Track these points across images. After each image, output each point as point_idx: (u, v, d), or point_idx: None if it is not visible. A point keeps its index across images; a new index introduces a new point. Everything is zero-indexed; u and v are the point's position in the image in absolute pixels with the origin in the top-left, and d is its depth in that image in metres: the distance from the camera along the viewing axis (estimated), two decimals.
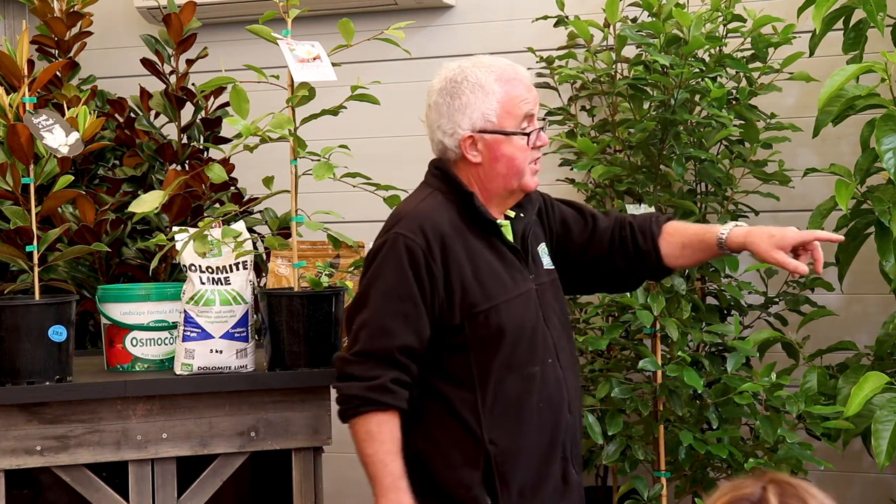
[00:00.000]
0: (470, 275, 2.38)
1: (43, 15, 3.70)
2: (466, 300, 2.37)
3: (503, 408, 2.38)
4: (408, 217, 2.42)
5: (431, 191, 2.48)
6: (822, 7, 3.09)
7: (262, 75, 2.77)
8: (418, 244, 2.36)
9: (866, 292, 3.64)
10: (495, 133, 2.43)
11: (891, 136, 2.92)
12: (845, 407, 2.81)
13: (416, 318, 2.36)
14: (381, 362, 2.35)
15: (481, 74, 2.44)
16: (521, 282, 2.45)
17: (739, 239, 2.53)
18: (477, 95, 2.43)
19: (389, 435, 2.36)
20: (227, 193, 3.60)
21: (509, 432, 2.39)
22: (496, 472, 2.37)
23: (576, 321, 3.52)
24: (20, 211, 2.91)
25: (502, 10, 4.01)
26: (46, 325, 2.63)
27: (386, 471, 2.36)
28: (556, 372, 2.45)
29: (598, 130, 3.55)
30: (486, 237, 2.44)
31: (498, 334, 2.38)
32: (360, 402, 2.36)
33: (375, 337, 2.36)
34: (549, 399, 2.43)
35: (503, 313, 2.39)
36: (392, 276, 2.37)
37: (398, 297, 2.36)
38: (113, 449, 2.68)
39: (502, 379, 2.38)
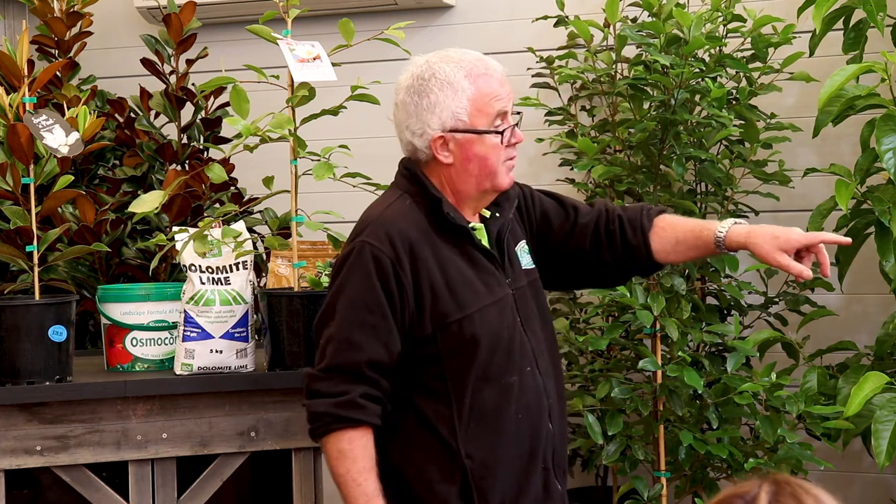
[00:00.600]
0: (441, 283, 2.26)
1: (43, 15, 3.70)
2: (437, 310, 2.25)
3: (480, 420, 2.27)
4: (374, 224, 2.29)
5: (400, 194, 2.35)
6: (822, 7, 3.09)
7: (262, 75, 2.77)
8: (385, 253, 2.24)
9: (866, 292, 3.64)
10: (467, 132, 2.29)
11: (891, 136, 2.92)
12: (845, 407, 2.81)
13: (386, 330, 2.24)
14: (348, 377, 2.24)
15: (450, 70, 2.31)
16: (496, 288, 2.33)
17: (740, 238, 2.41)
18: (446, 93, 2.30)
19: (362, 452, 2.25)
20: (227, 193, 3.60)
21: (486, 445, 2.27)
22: (474, 486, 2.26)
23: (576, 321, 3.52)
24: (20, 211, 2.91)
25: (502, 10, 4.01)
26: (46, 325, 2.63)
27: (359, 490, 2.25)
28: (535, 380, 2.34)
29: (598, 130, 3.55)
30: (457, 243, 2.32)
31: (472, 344, 2.26)
32: (329, 419, 2.24)
33: (342, 351, 2.24)
34: (528, 409, 2.32)
35: (477, 322, 2.27)
36: (359, 287, 2.25)
37: (366, 308, 2.24)
38: (113, 449, 2.68)
39: (478, 390, 2.27)
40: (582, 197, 3.74)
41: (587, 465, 3.50)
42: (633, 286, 3.09)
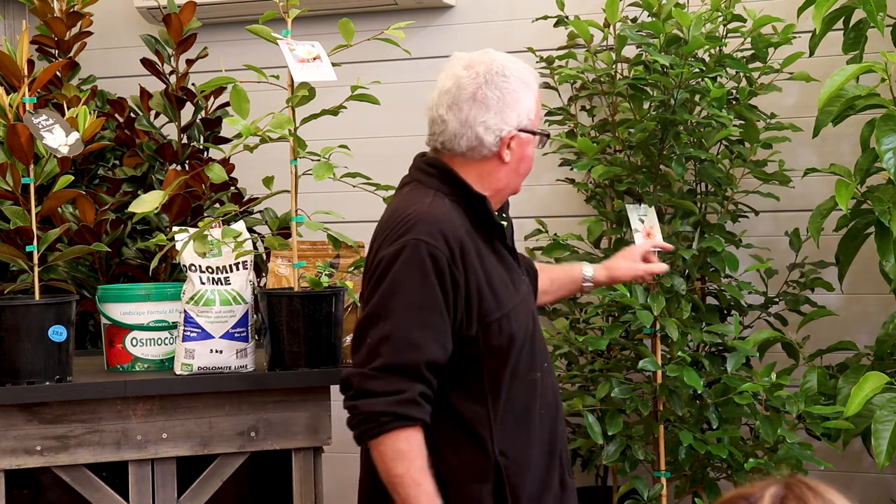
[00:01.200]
0: (484, 282, 2.25)
1: (43, 15, 3.70)
2: (482, 309, 2.24)
3: (513, 418, 2.28)
4: (423, 221, 2.23)
5: (434, 193, 2.30)
6: (822, 7, 3.09)
7: (262, 75, 2.77)
8: (442, 251, 2.19)
9: (866, 292, 3.64)
10: (530, 133, 2.33)
11: (891, 136, 2.92)
12: (845, 407, 2.81)
13: (443, 330, 2.20)
14: (406, 376, 2.17)
15: (523, 70, 2.33)
16: (520, 286, 2.36)
17: (602, 277, 2.73)
18: (525, 93, 2.31)
19: (419, 451, 2.18)
20: (227, 193, 3.60)
21: (518, 443, 2.29)
22: (507, 485, 2.25)
23: (576, 321, 3.52)
24: (20, 211, 2.91)
25: (502, 10, 4.01)
26: (46, 325, 2.63)
27: (420, 490, 2.17)
28: (551, 377, 2.39)
29: (598, 130, 3.55)
30: (490, 241, 2.32)
31: (509, 343, 2.26)
32: (388, 417, 2.16)
33: (401, 351, 2.17)
34: (548, 405, 2.36)
35: (513, 320, 2.28)
36: (416, 285, 2.19)
37: (425, 308, 2.18)
38: (113, 449, 2.68)
39: (511, 388, 2.27)
40: (582, 197, 3.74)
41: (587, 465, 3.50)
42: (633, 286, 3.09)
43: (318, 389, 2.78)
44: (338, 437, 2.80)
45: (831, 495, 1.33)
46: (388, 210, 2.36)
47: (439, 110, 2.32)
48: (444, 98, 2.32)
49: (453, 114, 2.30)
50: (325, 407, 2.79)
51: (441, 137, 2.32)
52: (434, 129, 2.34)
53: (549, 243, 3.42)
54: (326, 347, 2.73)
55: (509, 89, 2.30)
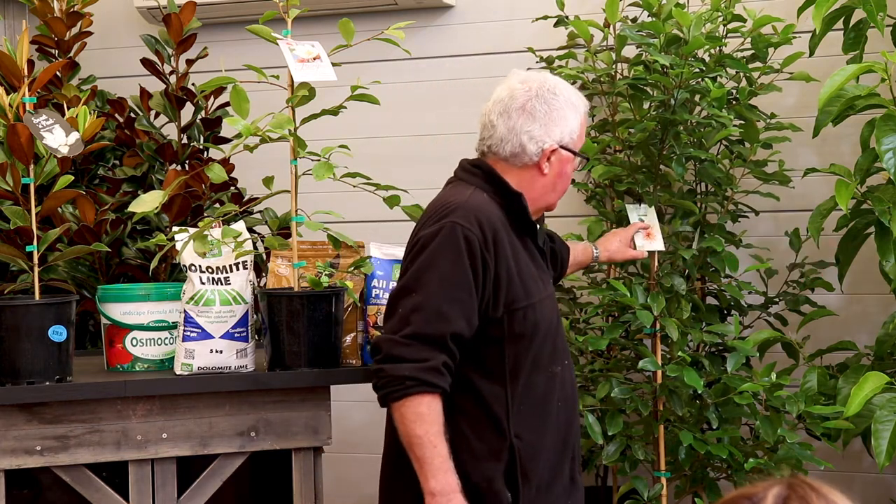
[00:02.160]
0: (514, 271, 2.45)
1: (43, 15, 3.70)
2: (510, 295, 2.43)
3: (530, 404, 2.46)
4: (462, 208, 2.44)
5: (474, 188, 2.51)
6: (822, 7, 3.08)
7: (262, 75, 2.77)
8: (475, 234, 2.40)
9: (866, 292, 3.64)
10: (570, 151, 2.54)
11: (891, 136, 2.92)
12: (845, 407, 2.81)
13: (470, 307, 2.39)
14: (432, 346, 2.36)
15: (572, 94, 2.55)
16: (547, 283, 2.57)
17: (604, 258, 3.08)
18: (571, 112, 2.53)
19: (437, 416, 2.36)
20: (227, 193, 3.60)
21: (534, 428, 2.46)
22: (519, 467, 2.43)
23: (576, 321, 3.52)
24: (20, 211, 2.91)
25: (502, 10, 4.01)
26: (46, 325, 2.63)
27: (436, 451, 2.35)
28: (570, 374, 2.58)
29: (598, 130, 3.55)
30: (524, 238, 2.53)
31: (533, 331, 2.46)
32: (413, 382, 2.35)
33: (430, 321, 2.36)
34: (566, 399, 2.54)
35: (538, 311, 2.47)
36: (449, 262, 2.39)
37: (455, 284, 2.38)
38: (113, 449, 2.68)
39: (531, 375, 2.46)
40: (582, 197, 3.74)
41: (587, 465, 3.50)
42: (633, 286, 3.09)
43: (318, 389, 2.78)
44: (338, 437, 2.80)
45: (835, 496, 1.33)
46: (432, 202, 2.57)
47: (491, 116, 2.54)
48: (497, 106, 2.54)
49: (503, 120, 2.52)
50: (325, 407, 2.79)
51: (489, 141, 2.55)
52: (484, 133, 2.56)
53: None
54: (326, 347, 2.73)
55: (557, 106, 2.52)
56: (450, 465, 2.37)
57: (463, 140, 3.98)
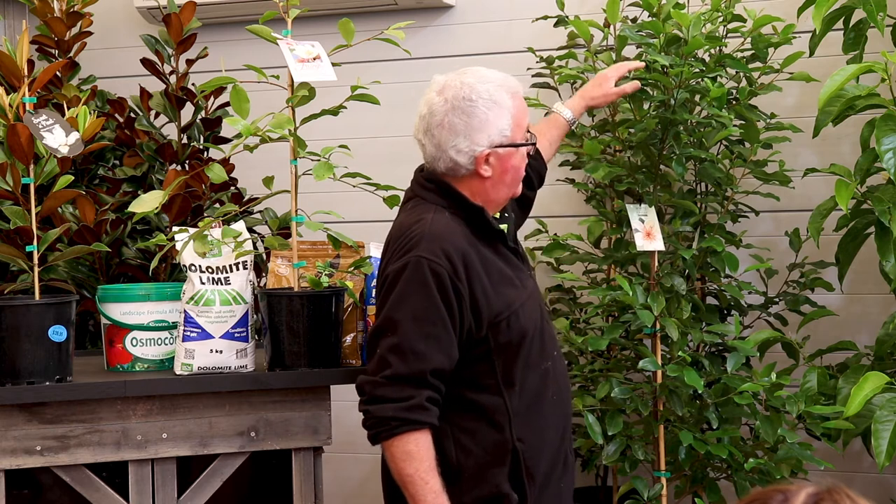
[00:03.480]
0: (489, 286, 2.42)
1: (43, 15, 3.70)
2: (491, 311, 2.41)
3: (527, 406, 2.46)
4: (426, 239, 2.40)
5: (435, 207, 2.47)
6: (822, 7, 3.08)
7: (262, 75, 2.77)
8: (443, 267, 2.36)
9: (866, 292, 3.64)
10: (509, 147, 2.47)
11: (891, 136, 2.92)
12: (845, 407, 2.81)
13: (447, 342, 2.38)
14: (413, 384, 2.36)
15: (493, 90, 2.45)
16: (526, 281, 2.54)
17: (578, 106, 2.95)
18: (494, 112, 2.44)
19: (427, 452, 2.38)
20: (227, 193, 3.60)
21: (534, 428, 2.47)
22: (524, 467, 2.44)
23: (576, 321, 3.52)
24: (20, 211, 2.91)
25: (502, 10, 4.01)
26: (46, 325, 2.63)
27: (427, 488, 2.37)
28: (561, 364, 2.59)
29: (599, 130, 3.55)
30: (492, 245, 2.50)
31: (520, 337, 2.44)
32: (397, 422, 2.36)
33: (408, 361, 2.36)
34: (560, 390, 2.55)
35: (521, 316, 2.46)
36: (420, 300, 2.36)
37: (428, 321, 2.36)
38: (113, 449, 2.68)
39: (525, 378, 2.46)
40: (582, 197, 3.75)
41: (587, 465, 3.50)
42: (633, 286, 3.09)
43: (318, 389, 2.78)
44: (338, 437, 2.80)
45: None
46: (395, 226, 2.53)
47: (418, 135, 2.51)
48: (421, 123, 2.50)
49: (428, 139, 2.48)
50: (325, 407, 2.79)
51: (425, 159, 2.52)
52: (420, 150, 2.52)
53: (549, 243, 3.42)
54: (326, 347, 2.73)
55: (476, 113, 2.43)
56: (443, 500, 2.38)
57: None
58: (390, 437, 2.37)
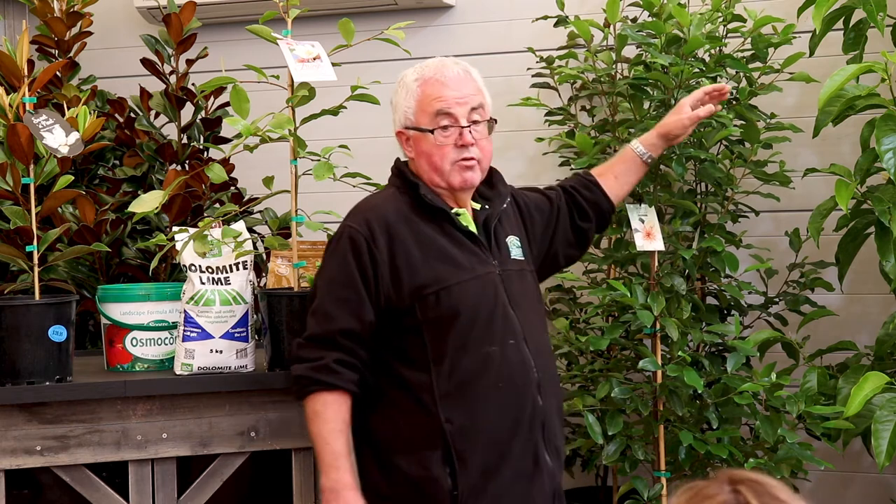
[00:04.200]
0: (419, 258, 2.46)
1: (43, 15, 3.70)
2: (414, 283, 2.45)
3: (459, 387, 2.43)
4: (356, 210, 2.55)
5: (388, 186, 2.62)
6: (822, 7, 3.08)
7: (262, 75, 2.77)
8: (361, 233, 2.47)
9: (866, 292, 3.64)
10: (414, 130, 2.54)
11: (891, 136, 2.91)
12: (845, 407, 2.81)
13: (357, 303, 2.45)
14: (323, 345, 2.45)
15: (409, 74, 2.57)
16: (477, 266, 2.52)
17: (653, 139, 2.86)
18: (402, 94, 2.56)
19: (334, 414, 2.43)
20: (227, 193, 3.60)
21: (466, 411, 2.43)
22: (454, 450, 2.41)
23: (576, 321, 3.52)
24: (20, 211, 2.91)
25: (502, 10, 4.01)
26: (46, 325, 2.63)
27: (328, 448, 2.43)
28: (520, 354, 2.49)
29: (598, 130, 3.55)
30: (438, 224, 2.52)
31: (451, 315, 2.45)
32: (306, 381, 2.45)
33: (320, 322, 2.47)
34: (511, 379, 2.47)
35: (455, 294, 2.46)
36: (335, 264, 2.49)
37: (340, 283, 2.46)
38: (113, 449, 2.68)
39: (458, 358, 2.44)
40: None
41: (587, 465, 3.50)
42: (633, 286, 3.09)
43: None
44: None
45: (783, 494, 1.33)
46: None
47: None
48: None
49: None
50: None
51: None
52: None
53: None
54: None
55: (395, 96, 2.59)
56: (342, 463, 2.43)
57: None
58: (303, 397, 2.47)
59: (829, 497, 3.68)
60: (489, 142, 2.57)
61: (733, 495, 1.32)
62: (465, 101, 2.52)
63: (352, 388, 2.45)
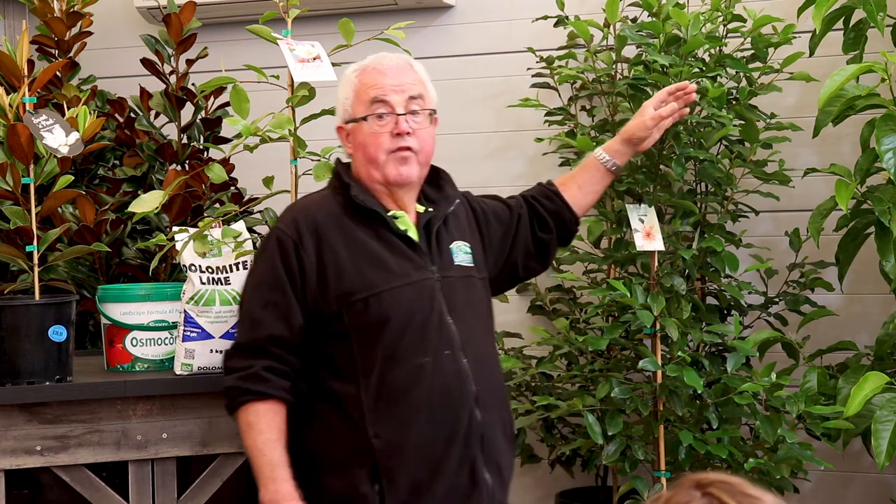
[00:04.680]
0: (347, 263, 2.36)
1: (43, 15, 3.70)
2: (342, 287, 2.35)
3: (388, 399, 2.31)
4: (287, 212, 2.47)
5: (324, 188, 2.53)
6: (822, 7, 3.08)
7: (262, 75, 2.77)
8: (289, 235, 2.38)
9: (866, 292, 3.64)
10: (351, 122, 2.46)
11: (891, 136, 2.91)
12: (845, 407, 2.81)
13: (286, 306, 2.36)
14: (252, 353, 2.36)
15: (350, 68, 2.50)
16: (413, 271, 2.39)
17: (616, 145, 2.74)
18: (341, 87, 2.49)
19: (268, 424, 2.34)
20: (227, 193, 3.60)
21: (395, 425, 2.31)
22: (381, 467, 2.29)
23: (576, 321, 3.52)
24: (20, 211, 2.91)
25: (502, 10, 4.01)
26: (46, 325, 2.63)
27: (264, 460, 2.33)
28: (455, 365, 2.36)
29: (598, 130, 3.55)
30: (372, 227, 2.41)
31: (380, 322, 2.33)
32: (237, 392, 2.36)
33: (247, 329, 2.40)
34: (445, 392, 2.34)
35: (386, 301, 2.34)
36: (263, 268, 2.41)
37: (267, 287, 2.38)
38: (113, 449, 2.68)
39: (387, 369, 2.32)
40: None
41: (587, 465, 3.50)
42: (633, 286, 3.09)
43: None
44: None
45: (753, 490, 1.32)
46: None
47: None
48: None
49: None
50: None
51: None
52: None
53: None
54: None
55: (337, 93, 2.50)
56: (280, 474, 2.31)
57: (462, 140, 3.99)
58: (235, 410, 2.37)
59: (829, 497, 3.68)
60: (430, 135, 2.46)
61: (706, 499, 1.31)
62: (402, 88, 2.42)
63: (284, 395, 2.35)
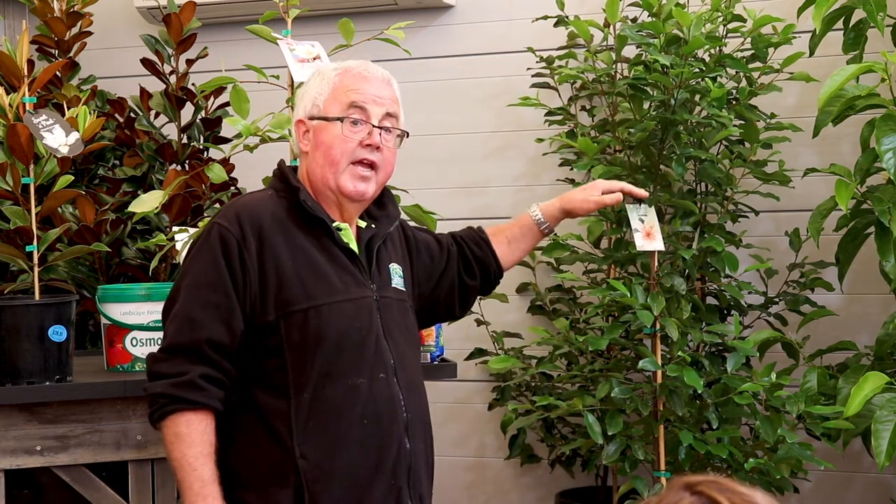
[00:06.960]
0: (290, 270, 2.22)
1: (43, 15, 3.70)
2: (282, 296, 2.20)
3: (319, 419, 2.18)
4: (229, 207, 2.29)
5: (266, 189, 2.38)
6: (822, 7, 3.08)
7: (262, 75, 2.77)
8: (232, 233, 2.21)
9: (866, 292, 3.64)
10: (319, 119, 2.31)
11: (891, 136, 2.91)
12: (845, 407, 2.81)
13: (227, 309, 2.18)
14: (188, 357, 2.17)
15: (330, 66, 2.37)
16: (353, 287, 2.27)
17: (554, 210, 2.64)
18: (315, 82, 2.35)
19: (200, 436, 2.16)
20: (227, 193, 3.60)
21: (324, 447, 2.18)
22: (307, 490, 2.16)
23: (576, 321, 3.52)
24: (20, 211, 2.91)
25: (502, 10, 4.01)
26: (46, 325, 2.63)
27: (195, 475, 2.14)
28: (389, 389, 2.26)
29: (598, 130, 3.55)
30: (316, 236, 2.28)
31: (317, 336, 2.20)
32: (166, 400, 2.16)
33: (183, 330, 2.18)
34: (377, 416, 2.22)
35: (325, 315, 2.21)
36: (203, 265, 2.21)
37: (208, 286, 2.19)
38: (113, 449, 2.68)
39: (321, 387, 2.19)
40: None
41: (587, 465, 3.50)
42: (633, 286, 3.09)
43: None
44: None
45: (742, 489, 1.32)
46: None
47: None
48: None
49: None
50: None
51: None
52: None
53: (549, 243, 3.42)
54: None
55: (304, 87, 2.37)
56: (211, 491, 2.14)
57: (462, 140, 3.99)
58: (162, 418, 2.17)
59: (829, 497, 3.68)
60: (394, 155, 2.37)
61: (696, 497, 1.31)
62: (382, 101, 2.33)
63: (218, 406, 2.18)
